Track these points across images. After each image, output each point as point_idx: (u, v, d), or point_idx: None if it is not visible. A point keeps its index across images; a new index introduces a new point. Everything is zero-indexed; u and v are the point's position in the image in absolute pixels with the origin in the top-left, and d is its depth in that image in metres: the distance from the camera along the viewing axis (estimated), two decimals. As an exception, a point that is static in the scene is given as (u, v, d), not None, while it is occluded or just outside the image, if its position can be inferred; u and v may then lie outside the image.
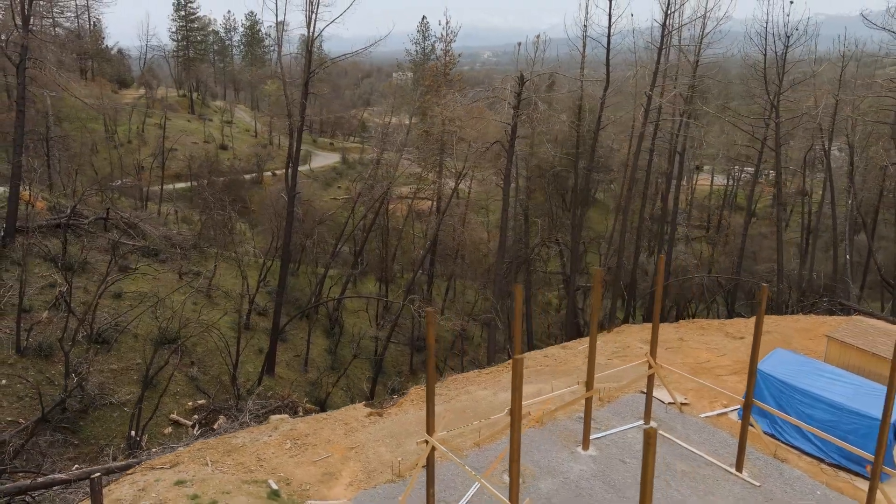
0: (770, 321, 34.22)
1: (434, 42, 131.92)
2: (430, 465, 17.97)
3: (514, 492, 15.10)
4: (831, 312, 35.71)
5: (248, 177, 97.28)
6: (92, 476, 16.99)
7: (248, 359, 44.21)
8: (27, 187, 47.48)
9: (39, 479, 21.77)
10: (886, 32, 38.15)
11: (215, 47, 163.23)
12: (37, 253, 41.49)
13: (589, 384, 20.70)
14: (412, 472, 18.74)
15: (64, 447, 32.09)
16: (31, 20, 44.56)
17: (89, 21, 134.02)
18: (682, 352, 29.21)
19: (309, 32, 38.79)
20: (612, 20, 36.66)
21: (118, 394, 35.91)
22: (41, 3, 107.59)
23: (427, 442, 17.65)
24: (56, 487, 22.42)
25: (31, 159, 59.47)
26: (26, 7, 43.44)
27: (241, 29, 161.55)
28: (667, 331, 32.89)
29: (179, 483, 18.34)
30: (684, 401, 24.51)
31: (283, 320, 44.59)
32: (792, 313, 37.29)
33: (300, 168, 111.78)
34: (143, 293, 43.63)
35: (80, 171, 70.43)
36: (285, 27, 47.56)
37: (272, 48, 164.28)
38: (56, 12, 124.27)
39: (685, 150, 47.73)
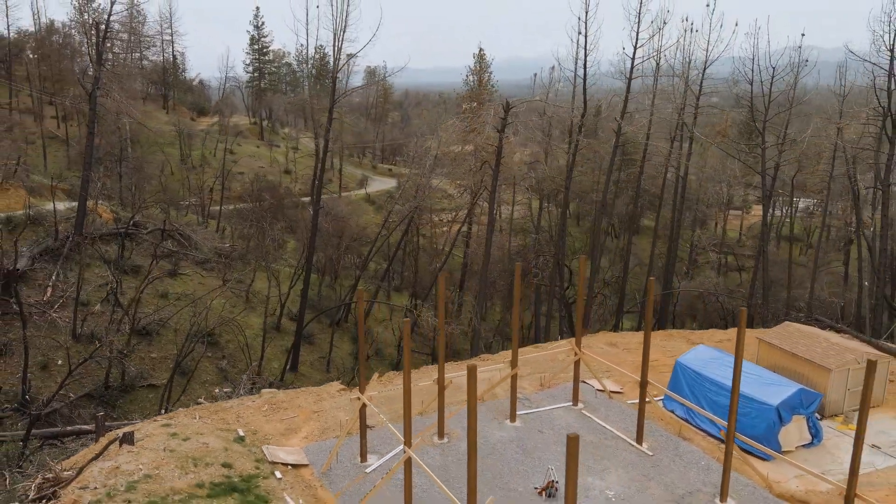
0: (733, 332, 36.63)
1: (490, 72, 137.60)
2: (362, 418, 21.84)
3: (406, 433, 18.73)
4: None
5: (306, 199, 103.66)
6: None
7: (276, 356, 48.97)
8: (95, 200, 53.98)
9: (68, 428, 26.65)
10: (869, 64, 40.03)
11: (287, 78, 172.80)
12: (97, 256, 47.58)
13: (513, 364, 24.17)
14: (351, 427, 22.54)
15: (104, 419, 37.29)
16: (104, 55, 51.26)
17: (172, 54, 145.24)
18: (637, 352, 31.88)
19: (334, 66, 43.70)
20: (587, 54, 40.19)
21: (155, 378, 41.14)
22: (129, 38, 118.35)
23: (359, 398, 21.54)
24: (82, 437, 27.32)
25: (105, 177, 66.75)
26: (100, 43, 50.21)
27: (310, 61, 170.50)
28: (637, 337, 35.73)
29: (166, 426, 22.77)
30: (618, 390, 27.51)
31: (308, 325, 49.17)
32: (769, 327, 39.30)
33: (357, 192, 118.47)
34: (187, 294, 49.10)
35: (151, 189, 77.71)
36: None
37: (340, 80, 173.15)
38: (143, 47, 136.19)
39: (686, 174, 50.16)
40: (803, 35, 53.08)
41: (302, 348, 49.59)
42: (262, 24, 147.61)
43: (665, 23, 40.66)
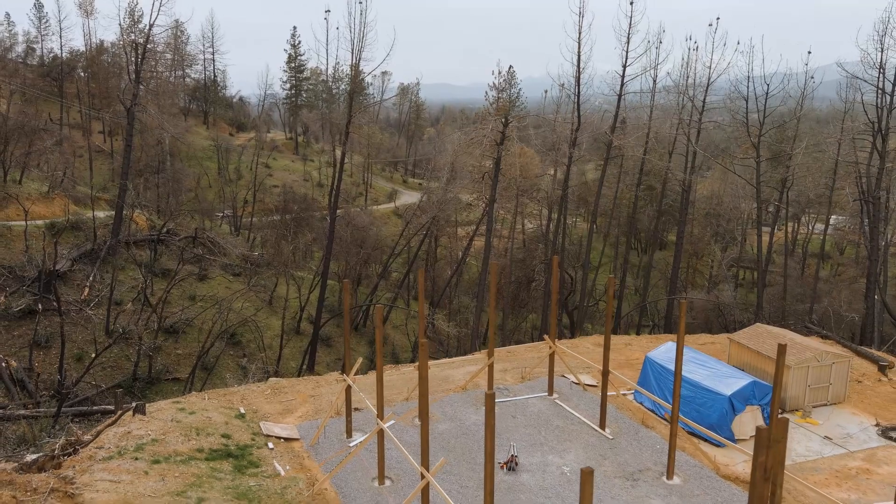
0: (720, 337, 38.38)
1: (520, 90, 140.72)
2: (347, 398, 24.32)
3: (379, 408, 21.15)
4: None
5: (338, 211, 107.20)
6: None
7: (294, 357, 51.87)
8: (132, 208, 57.82)
9: (94, 407, 29.69)
10: (858, 80, 41.47)
11: (324, 95, 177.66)
12: (131, 259, 51.19)
13: (489, 354, 26.46)
14: (340, 407, 25.03)
15: (123, 397, 40.49)
16: (142, 74, 55.12)
17: (213, 72, 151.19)
18: (621, 352, 34.02)
19: (351, 83, 46.71)
20: (581, 73, 42.37)
21: (179, 372, 44.29)
22: (174, 57, 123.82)
23: (344, 380, 24.05)
24: (106, 415, 30.31)
25: (144, 188, 70.94)
26: (138, 63, 54.13)
27: (345, 79, 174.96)
28: (623, 339, 37.76)
29: (176, 403, 25.58)
30: (593, 383, 29.51)
31: (326, 328, 51.95)
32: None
33: (386, 205, 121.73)
34: (214, 296, 52.37)
35: (186, 200, 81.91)
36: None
37: (373, 97, 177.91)
38: (186, 65, 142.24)
39: (691, 187, 51.89)
40: (810, 52, 54.63)
41: (319, 350, 52.40)
42: (299, 42, 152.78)
43: (661, 42, 42.72)
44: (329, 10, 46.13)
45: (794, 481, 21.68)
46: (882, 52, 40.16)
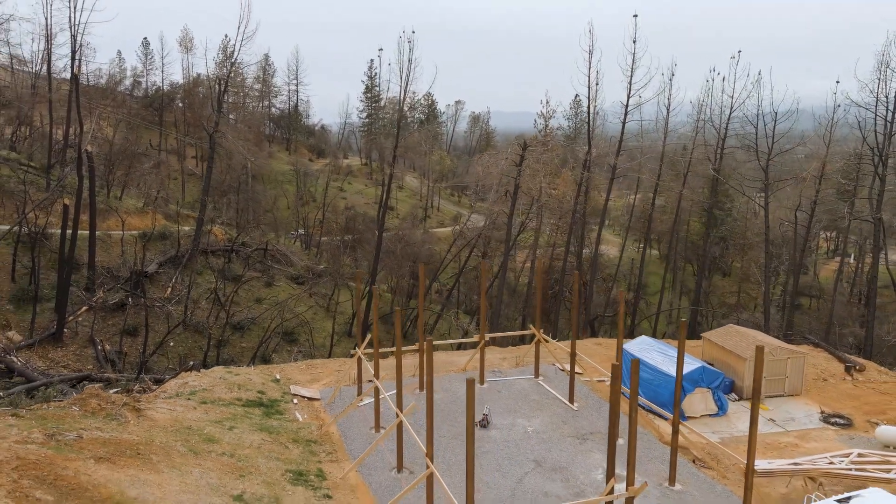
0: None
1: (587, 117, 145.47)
2: (359, 369, 29.86)
3: (376, 369, 26.57)
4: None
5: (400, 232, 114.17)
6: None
7: (344, 355, 57.79)
8: (212, 223, 65.79)
9: (166, 376, 36.33)
10: (860, 108, 44.32)
11: (400, 123, 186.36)
12: (208, 265, 58.78)
13: (481, 337, 31.51)
14: (353, 377, 30.60)
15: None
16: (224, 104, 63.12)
17: (296, 102, 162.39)
18: (611, 348, 38.35)
19: (399, 111, 52.94)
20: (591, 103, 47.05)
21: (241, 362, 50.96)
22: (261, 88, 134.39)
23: (355, 353, 29.64)
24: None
25: (227, 206, 79.40)
26: (220, 94, 62.22)
27: (419, 107, 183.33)
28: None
29: (225, 368, 31.80)
30: (578, 370, 34.00)
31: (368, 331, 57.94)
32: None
33: (446, 228, 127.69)
34: (277, 300, 59.26)
35: (264, 217, 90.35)
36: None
37: (445, 124, 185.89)
38: (272, 95, 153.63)
39: (712, 209, 55.33)
40: (838, 82, 57.36)
41: (367, 350, 58.26)
42: (376, 74, 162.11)
43: (673, 74, 47.00)
44: (382, 49, 52.70)
45: (717, 447, 25.72)
46: (883, 81, 43.17)
